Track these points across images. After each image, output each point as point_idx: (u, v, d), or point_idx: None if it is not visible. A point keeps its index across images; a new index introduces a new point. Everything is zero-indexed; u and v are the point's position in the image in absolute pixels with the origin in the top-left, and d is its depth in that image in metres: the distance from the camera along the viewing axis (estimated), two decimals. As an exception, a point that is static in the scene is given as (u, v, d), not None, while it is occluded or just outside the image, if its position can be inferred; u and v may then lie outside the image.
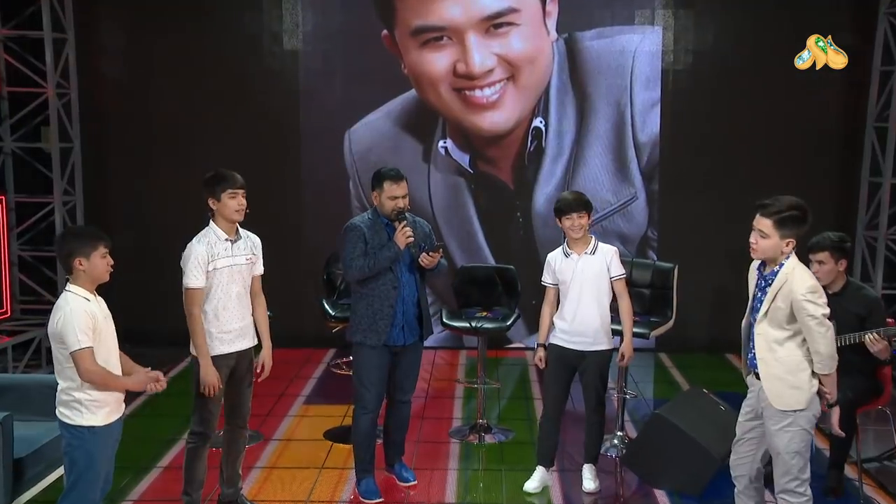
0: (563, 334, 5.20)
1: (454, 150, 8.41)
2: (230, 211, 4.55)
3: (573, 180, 8.45)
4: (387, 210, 4.96)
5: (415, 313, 5.04)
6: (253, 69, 8.41)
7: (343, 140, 8.42)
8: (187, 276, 4.54)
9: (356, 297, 5.07)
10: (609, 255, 5.15)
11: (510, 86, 8.21)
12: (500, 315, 6.49)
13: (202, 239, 4.56)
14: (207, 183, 4.57)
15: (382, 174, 4.99)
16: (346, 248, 4.93)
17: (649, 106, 8.38)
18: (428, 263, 4.97)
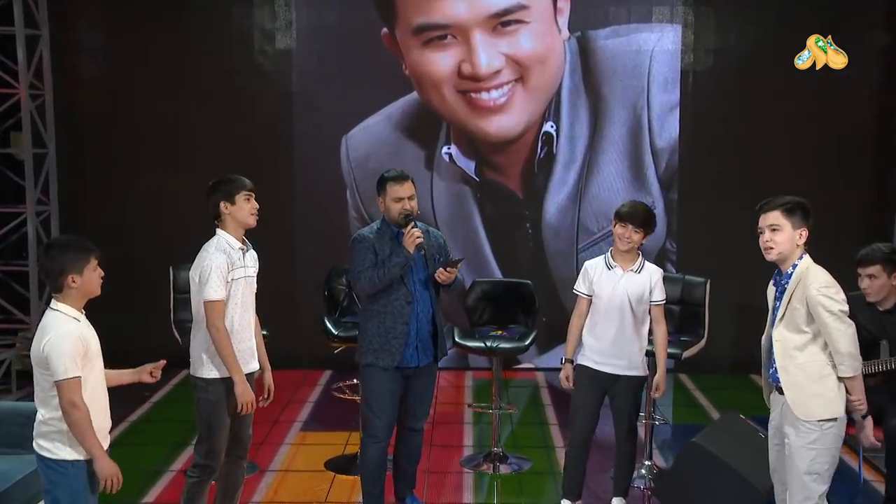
0: (595, 355, 5.02)
1: (459, 156, 8.27)
2: (246, 214, 4.44)
3: (586, 188, 8.30)
4: (393, 214, 4.81)
5: (429, 331, 4.88)
6: (243, 69, 8.24)
7: (339, 146, 8.26)
8: (209, 289, 4.36)
9: (366, 315, 4.89)
10: (655, 277, 5.00)
11: (519, 88, 8.07)
12: (516, 334, 6.31)
13: (219, 247, 4.43)
14: (219, 186, 4.45)
15: (385, 177, 4.87)
16: (355, 261, 4.79)
17: (667, 109, 8.23)
18: (445, 279, 4.81)
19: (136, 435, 6.70)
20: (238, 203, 4.40)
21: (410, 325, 4.80)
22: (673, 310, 6.28)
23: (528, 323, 6.44)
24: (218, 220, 4.48)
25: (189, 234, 4.77)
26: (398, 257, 4.74)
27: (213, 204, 4.43)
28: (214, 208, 4.43)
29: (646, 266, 5.03)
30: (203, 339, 4.41)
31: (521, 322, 6.46)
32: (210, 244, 4.45)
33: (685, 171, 8.27)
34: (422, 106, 8.20)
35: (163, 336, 6.22)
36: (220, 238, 4.47)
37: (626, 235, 4.88)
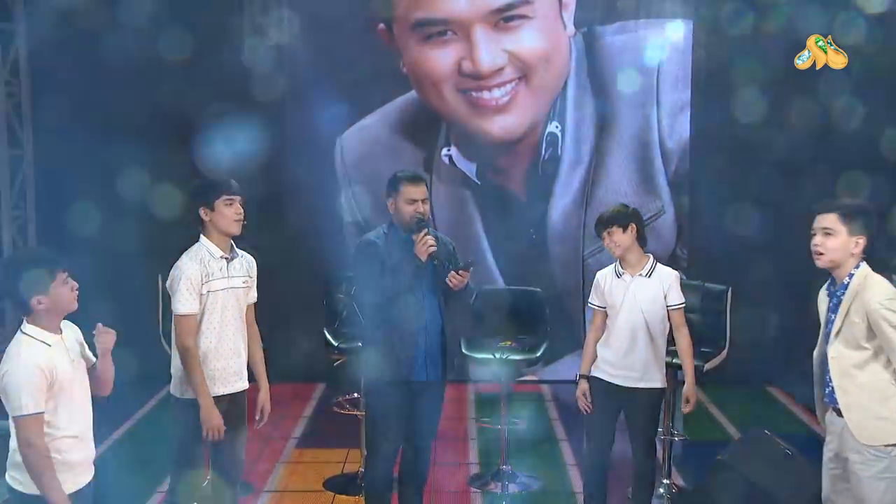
0: (608, 366, 4.87)
1: (459, 158, 8.13)
2: (227, 221, 4.23)
3: (593, 192, 8.14)
4: (405, 217, 4.63)
5: (439, 343, 4.71)
6: (231, 66, 7.96)
7: (334, 147, 8.11)
8: (178, 301, 4.17)
9: (371, 326, 4.73)
10: (668, 280, 4.86)
11: (522, 86, 7.94)
12: (525, 345, 6.13)
13: (194, 256, 4.23)
14: (197, 190, 4.27)
15: (399, 176, 4.72)
16: (360, 269, 4.64)
17: (679, 108, 8.09)
18: (457, 283, 4.60)
19: (121, 453, 6.47)
20: (218, 209, 4.21)
21: (419, 336, 4.65)
22: (692, 319, 5.88)
23: (538, 333, 6.30)
24: (201, 225, 4.29)
25: (180, 239, 4.54)
26: (409, 265, 4.57)
27: (193, 209, 4.27)
28: (195, 213, 4.26)
29: (657, 269, 4.89)
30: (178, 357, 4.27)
31: (530, 332, 6.31)
32: (187, 252, 4.28)
33: (697, 174, 8.11)
34: (420, 105, 8.07)
35: (153, 349, 5.94)
36: (199, 246, 4.28)
37: (610, 242, 4.78)
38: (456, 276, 4.60)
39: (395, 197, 4.68)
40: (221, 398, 4.30)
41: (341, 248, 7.90)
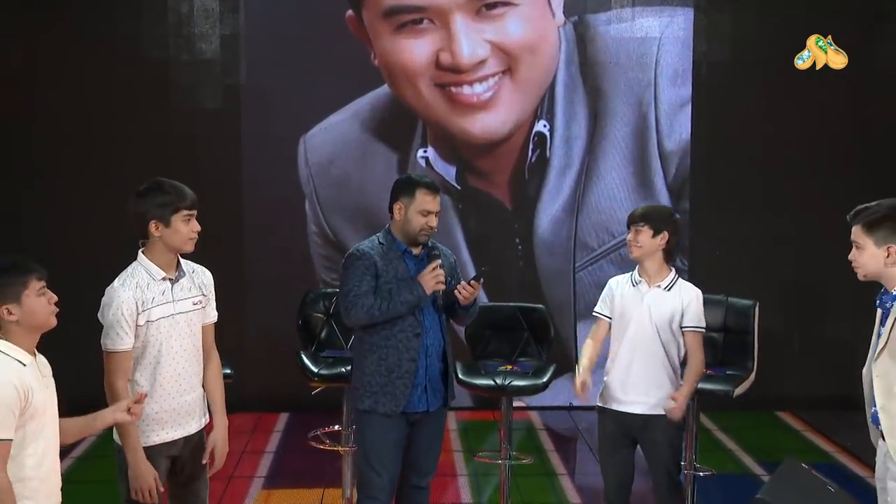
0: (618, 392, 4.60)
1: (437, 161, 7.81)
2: (182, 239, 3.84)
3: (584, 198, 7.83)
4: (413, 228, 4.41)
5: (440, 369, 4.48)
6: (179, 58, 7.59)
7: (297, 148, 7.72)
8: (107, 336, 3.75)
9: (363, 349, 4.46)
10: (688, 297, 4.58)
11: (506, 81, 7.65)
12: (528, 368, 5.76)
13: (128, 281, 3.79)
14: (146, 198, 3.81)
15: (416, 180, 4.49)
16: (350, 282, 4.35)
17: (678, 106, 7.82)
18: (468, 297, 4.38)
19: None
20: (174, 225, 3.82)
21: (419, 361, 4.40)
22: (715, 338, 5.76)
23: (542, 355, 5.93)
24: (144, 240, 3.87)
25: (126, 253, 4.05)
26: (411, 294, 4.31)
27: (139, 221, 3.82)
28: (141, 227, 3.82)
29: (679, 284, 4.62)
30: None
31: (532, 354, 5.95)
32: (121, 275, 3.84)
33: (698, 178, 7.86)
34: (394, 102, 7.73)
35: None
36: (136, 267, 3.85)
37: (633, 239, 4.54)
38: (467, 287, 4.37)
39: (405, 203, 4.42)
40: (173, 444, 3.90)
41: (304, 261, 7.68)
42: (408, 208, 4.42)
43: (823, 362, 7.73)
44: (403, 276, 4.36)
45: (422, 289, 4.32)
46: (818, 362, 7.81)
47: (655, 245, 4.53)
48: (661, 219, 4.57)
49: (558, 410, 7.66)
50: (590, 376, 4.55)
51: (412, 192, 4.42)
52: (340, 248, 7.50)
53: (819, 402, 7.60)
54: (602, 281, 7.40)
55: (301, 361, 5.69)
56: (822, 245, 7.34)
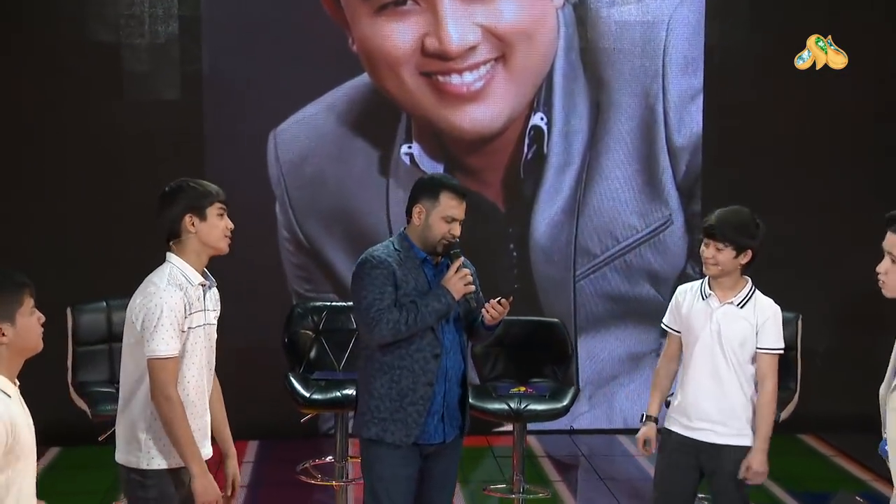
0: (685, 415, 4.39)
1: (423, 158, 7.52)
2: (219, 234, 3.83)
3: (585, 199, 7.55)
4: (434, 237, 4.21)
5: (458, 395, 4.28)
6: (132, 42, 7.20)
7: (266, 144, 7.37)
8: (160, 340, 3.67)
9: (372, 369, 4.23)
10: (765, 315, 4.34)
11: (499, 69, 7.38)
12: (544, 391, 5.69)
13: (171, 281, 3.74)
14: (182, 194, 3.82)
15: (441, 181, 4.30)
16: (369, 294, 4.12)
17: (688, 97, 7.54)
18: (497, 317, 4.20)
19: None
20: (210, 219, 3.80)
21: (437, 385, 4.19)
22: None
23: (559, 376, 5.85)
24: (174, 240, 3.82)
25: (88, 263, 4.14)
26: (439, 302, 4.09)
27: (172, 218, 3.81)
28: (174, 224, 3.81)
29: (755, 299, 4.35)
30: (141, 412, 3.76)
31: (547, 375, 5.88)
32: (160, 276, 3.78)
33: (710, 176, 7.56)
34: (374, 92, 7.43)
35: (59, 404, 5.53)
36: (172, 268, 3.79)
37: (710, 256, 4.28)
38: (496, 306, 4.16)
39: (427, 207, 4.20)
40: (185, 469, 3.79)
41: (275, 269, 7.29)
42: (429, 213, 4.18)
43: (850, 379, 7.27)
44: (422, 288, 4.13)
45: (450, 295, 4.10)
46: (844, 379, 7.44)
47: (736, 264, 4.26)
48: (746, 233, 4.28)
49: (558, 434, 7.27)
50: (654, 431, 4.42)
51: (436, 195, 4.18)
52: (315, 255, 7.23)
53: (844, 423, 7.18)
54: (606, 291, 7.43)
55: (290, 386, 5.49)
56: (849, 250, 7.17)
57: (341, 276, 7.07)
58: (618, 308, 7.39)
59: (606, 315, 7.38)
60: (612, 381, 7.38)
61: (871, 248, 3.75)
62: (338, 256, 7.18)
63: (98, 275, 6.57)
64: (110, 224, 6.93)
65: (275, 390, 6.09)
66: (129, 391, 3.82)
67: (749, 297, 4.32)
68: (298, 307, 6.08)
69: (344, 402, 5.44)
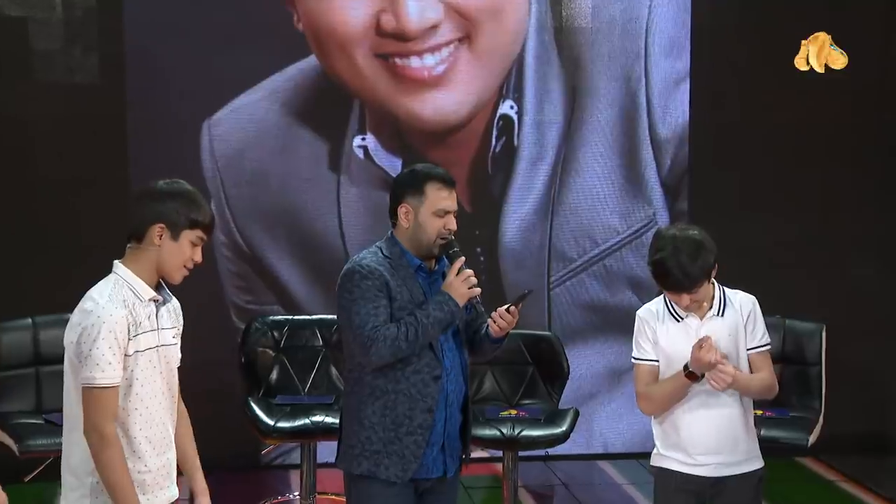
0: (678, 452, 4.22)
1: (378, 151, 7.26)
2: (179, 263, 3.64)
3: (561, 197, 7.31)
4: (428, 237, 4.06)
5: (460, 422, 4.17)
6: (38, 16, 6.87)
7: (199, 136, 7.06)
8: (92, 365, 3.47)
9: (361, 394, 4.09)
10: (746, 310, 4.23)
11: (464, 51, 7.13)
12: (537, 413, 5.59)
13: (114, 296, 3.54)
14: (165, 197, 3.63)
15: (422, 172, 4.16)
16: (361, 309, 3.97)
17: (673, 83, 7.31)
18: (506, 327, 4.06)
19: None
20: (181, 243, 3.61)
21: (437, 412, 4.04)
22: None
23: (553, 397, 5.76)
24: (133, 244, 3.63)
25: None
26: (441, 311, 3.93)
27: (142, 220, 3.61)
28: (141, 227, 3.59)
29: (729, 299, 4.20)
30: (83, 450, 3.56)
31: (540, 395, 5.80)
32: (101, 289, 3.59)
33: (699, 172, 7.36)
34: (323, 77, 7.14)
35: None
36: (118, 280, 3.58)
37: (688, 303, 4.09)
38: (504, 315, 4.00)
39: (413, 205, 4.06)
40: None
41: (211, 280, 6.91)
42: (417, 211, 4.02)
43: (852, 396, 7.21)
44: (418, 300, 3.95)
45: (454, 301, 3.91)
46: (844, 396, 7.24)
47: (707, 291, 4.12)
48: (711, 261, 4.08)
49: (531, 462, 6.92)
50: None
51: (420, 189, 4.03)
52: (256, 262, 6.91)
53: (845, 444, 7.13)
54: (584, 299, 7.00)
55: (251, 413, 5.32)
56: (845, 254, 7.13)
57: (286, 285, 6.79)
58: (597, 318, 7.14)
59: (584, 326, 7.15)
60: (590, 400, 7.09)
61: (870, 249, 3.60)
62: (282, 263, 6.85)
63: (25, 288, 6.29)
64: (26, 227, 6.55)
65: (220, 416, 5.93)
66: (70, 427, 3.62)
67: (723, 299, 4.14)
68: (256, 322, 5.93)
69: (314, 431, 5.26)
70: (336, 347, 5.82)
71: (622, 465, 6.78)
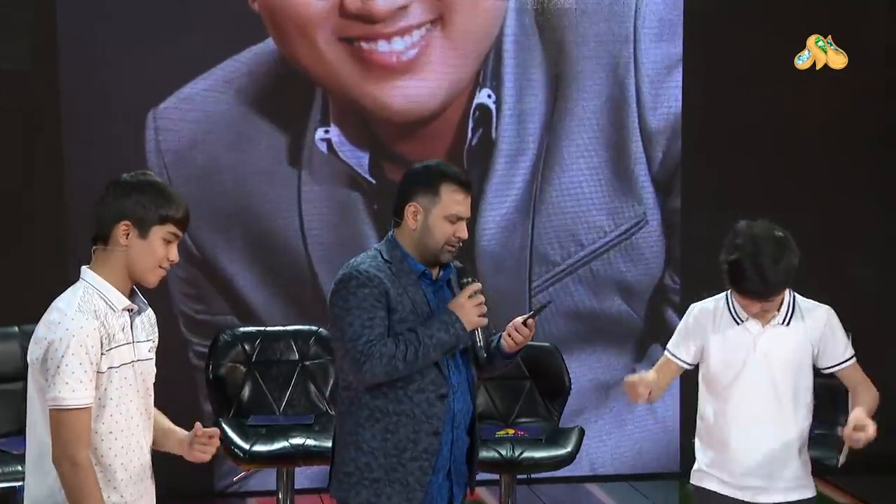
0: (720, 471, 4.11)
1: (343, 145, 7.04)
2: (152, 263, 3.40)
3: (543, 194, 7.14)
4: (436, 242, 3.91)
5: (467, 445, 4.07)
6: None
7: (143, 127, 6.82)
8: (62, 385, 3.24)
9: (359, 416, 3.95)
10: (820, 324, 4.07)
11: (436, 35, 6.97)
12: (537, 432, 5.54)
13: (83, 307, 3.31)
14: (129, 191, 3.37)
15: (439, 171, 3.97)
16: (355, 321, 3.82)
17: (666, 70, 7.15)
18: (522, 343, 3.95)
19: None
20: (152, 240, 3.42)
21: (444, 435, 3.93)
22: None
23: (554, 415, 5.69)
24: (98, 248, 3.44)
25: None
26: (446, 333, 3.75)
27: (105, 219, 3.41)
28: (105, 226, 3.40)
29: (799, 308, 4.06)
30: (52, 481, 3.38)
31: (539, 413, 5.73)
32: (68, 299, 3.38)
33: (692, 166, 7.18)
34: (281, 63, 6.91)
35: None
36: (87, 289, 3.38)
37: (767, 310, 3.94)
38: (521, 328, 3.90)
39: (425, 204, 3.90)
40: None
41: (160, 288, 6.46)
42: (428, 212, 3.85)
43: None
44: (422, 311, 3.81)
45: (461, 324, 3.76)
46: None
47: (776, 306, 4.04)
48: (796, 262, 3.94)
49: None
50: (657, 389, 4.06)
51: (435, 189, 3.84)
52: (208, 267, 6.74)
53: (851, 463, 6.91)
54: (568, 306, 6.76)
55: (224, 435, 5.10)
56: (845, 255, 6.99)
57: (242, 292, 6.58)
58: (582, 327, 6.97)
59: (569, 336, 6.94)
60: (576, 417, 6.84)
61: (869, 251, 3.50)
62: (237, 268, 6.61)
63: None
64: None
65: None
66: (39, 454, 3.43)
67: (792, 307, 3.96)
68: (225, 334, 5.74)
69: (294, 455, 5.11)
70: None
71: (611, 487, 6.64)
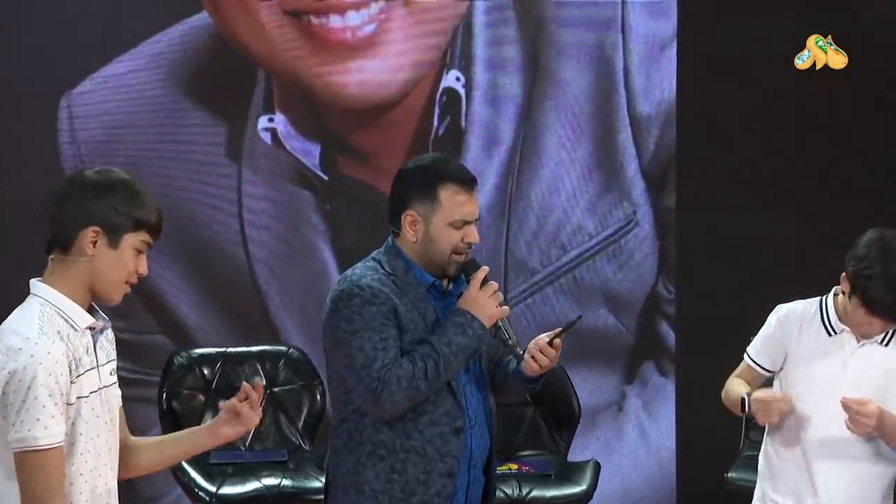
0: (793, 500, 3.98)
1: (291, 136, 6.65)
2: (118, 279, 3.04)
3: (519, 191, 6.70)
4: (442, 252, 3.52)
5: (482, 481, 3.73)
6: None
7: (56, 113, 6.37)
8: (31, 422, 2.93)
9: (359, 453, 3.60)
10: None
11: (397, 7, 6.57)
12: (543, 468, 5.53)
13: (48, 327, 2.96)
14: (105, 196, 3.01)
15: (436, 168, 3.58)
16: (365, 344, 3.42)
17: (658, 49, 6.70)
18: (546, 365, 3.55)
19: None
20: (122, 250, 3.01)
21: (459, 473, 3.59)
22: None
23: (561, 446, 5.62)
24: (61, 251, 3.03)
25: None
26: (464, 336, 3.43)
27: (67, 223, 3.00)
28: (68, 232, 2.99)
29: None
30: None
31: (545, 446, 5.64)
32: (26, 320, 2.97)
33: (688, 159, 6.71)
34: (218, 40, 6.43)
35: None
36: (45, 306, 2.97)
37: (866, 330, 3.80)
38: (547, 349, 3.59)
39: (423, 212, 3.58)
40: None
41: None
42: (428, 221, 3.58)
43: None
44: (429, 322, 3.63)
45: (479, 323, 3.49)
46: None
47: None
48: None
49: None
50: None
51: (432, 193, 3.57)
52: None
53: None
54: (549, 319, 6.73)
55: (185, 476, 4.93)
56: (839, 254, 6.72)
57: (173, 306, 6.11)
58: (566, 343, 6.33)
59: None
60: None
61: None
62: (167, 279, 6.17)
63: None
64: None
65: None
66: None
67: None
68: (179, 356, 5.43)
69: (268, 498, 4.87)
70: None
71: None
